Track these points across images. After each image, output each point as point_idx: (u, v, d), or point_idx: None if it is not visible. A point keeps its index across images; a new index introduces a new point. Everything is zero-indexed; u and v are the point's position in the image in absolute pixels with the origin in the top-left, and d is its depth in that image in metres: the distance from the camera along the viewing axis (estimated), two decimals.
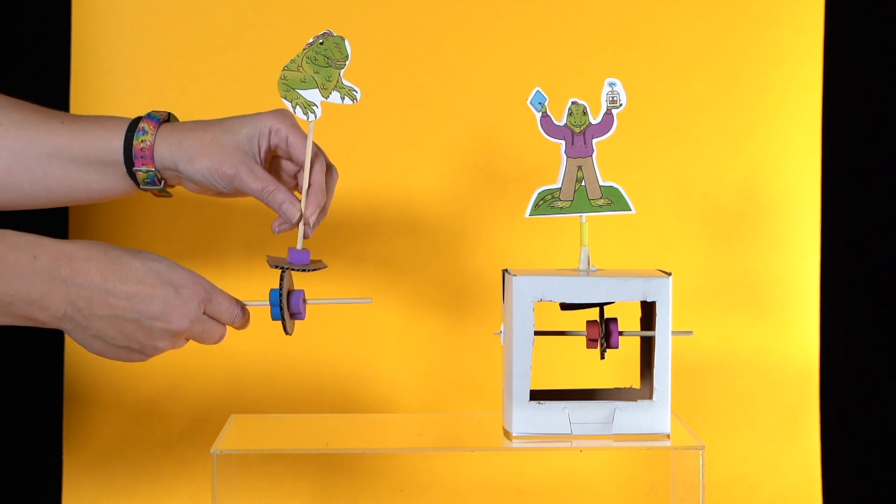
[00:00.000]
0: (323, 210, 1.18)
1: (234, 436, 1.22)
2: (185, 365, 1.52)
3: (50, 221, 1.47)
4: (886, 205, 1.55)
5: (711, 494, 1.51)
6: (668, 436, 1.18)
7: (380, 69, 1.51)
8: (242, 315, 1.15)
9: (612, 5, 1.53)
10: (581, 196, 1.19)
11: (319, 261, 1.19)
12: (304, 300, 1.17)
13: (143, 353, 1.10)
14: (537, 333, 1.17)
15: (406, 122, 1.52)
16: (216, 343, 1.14)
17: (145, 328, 1.09)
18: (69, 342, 1.50)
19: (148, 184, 1.19)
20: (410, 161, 1.52)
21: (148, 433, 1.52)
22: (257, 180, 1.16)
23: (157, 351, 1.11)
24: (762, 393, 1.55)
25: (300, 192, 1.17)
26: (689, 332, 1.22)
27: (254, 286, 1.26)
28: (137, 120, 1.18)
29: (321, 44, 1.16)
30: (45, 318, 1.06)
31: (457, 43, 1.52)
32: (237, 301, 1.14)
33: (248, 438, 1.23)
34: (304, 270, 1.17)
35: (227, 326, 1.14)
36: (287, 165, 1.21)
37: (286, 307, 1.16)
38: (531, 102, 1.19)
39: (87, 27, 1.50)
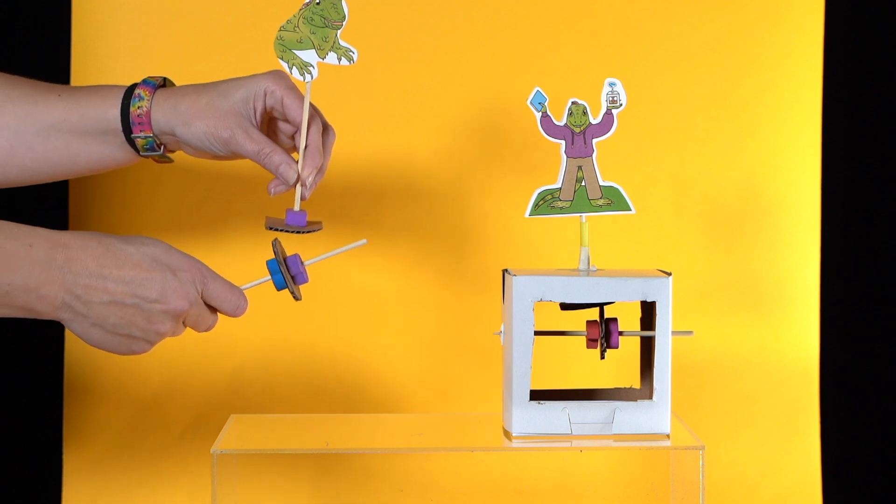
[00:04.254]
0: (320, 171, 1.18)
1: (234, 436, 1.22)
2: (185, 365, 1.52)
3: (49, 208, 1.47)
4: (886, 205, 1.55)
5: (711, 494, 1.51)
6: (668, 436, 1.18)
7: (379, 68, 1.51)
8: (245, 305, 1.14)
9: (612, 5, 1.53)
10: (581, 196, 1.19)
11: (317, 222, 1.19)
12: (302, 262, 1.17)
13: (145, 339, 1.10)
14: (537, 333, 1.17)
15: (405, 122, 1.52)
16: (206, 330, 1.14)
17: (145, 312, 1.08)
18: (69, 341, 1.50)
19: (147, 150, 1.19)
20: (409, 161, 1.52)
21: (148, 433, 1.52)
22: (253, 142, 1.16)
23: (159, 336, 1.10)
24: (762, 393, 1.55)
25: (298, 154, 1.17)
26: (689, 332, 1.22)
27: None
28: (133, 86, 1.18)
29: (318, 4, 1.16)
30: (43, 307, 1.06)
31: (457, 43, 1.52)
32: (237, 289, 1.13)
33: (248, 438, 1.23)
34: (300, 232, 1.16)
35: (217, 315, 1.14)
36: (284, 127, 1.21)
37: (287, 271, 1.15)
38: (531, 102, 1.19)
39: (86, 22, 1.50)
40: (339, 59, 1.17)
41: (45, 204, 1.45)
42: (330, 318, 1.52)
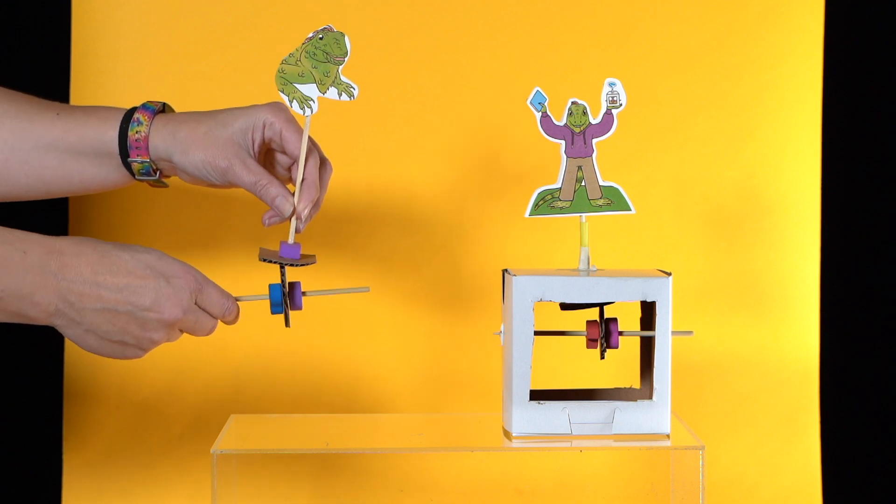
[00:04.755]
0: (316, 205, 1.18)
1: (234, 436, 1.22)
2: (184, 365, 1.52)
3: (49, 216, 1.48)
4: (886, 205, 1.55)
5: (711, 494, 1.51)
6: (668, 436, 1.18)
7: (380, 68, 1.51)
8: (235, 311, 1.15)
9: (612, 5, 1.53)
10: (581, 196, 1.19)
11: (311, 255, 1.19)
12: (303, 292, 1.18)
13: (139, 346, 1.10)
14: (537, 333, 1.17)
15: (405, 122, 1.52)
16: (207, 335, 1.14)
17: (138, 320, 1.08)
18: (69, 342, 1.50)
19: (143, 174, 1.19)
20: (409, 161, 1.52)
21: (148, 433, 1.52)
22: (250, 174, 1.16)
23: (152, 343, 1.11)
24: (762, 393, 1.55)
25: (294, 185, 1.17)
26: (689, 332, 1.21)
27: (253, 280, 1.26)
28: (132, 110, 1.18)
29: (321, 39, 1.16)
30: (36, 314, 1.06)
31: (457, 43, 1.52)
32: (228, 295, 1.14)
33: (248, 438, 1.23)
34: (293, 265, 1.17)
35: (217, 320, 1.14)
36: (281, 158, 1.21)
37: (288, 302, 1.16)
38: (531, 102, 1.19)
39: (86, 22, 1.50)
40: (340, 95, 1.17)
41: (45, 210, 1.45)
42: (330, 317, 1.52)
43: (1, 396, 1.51)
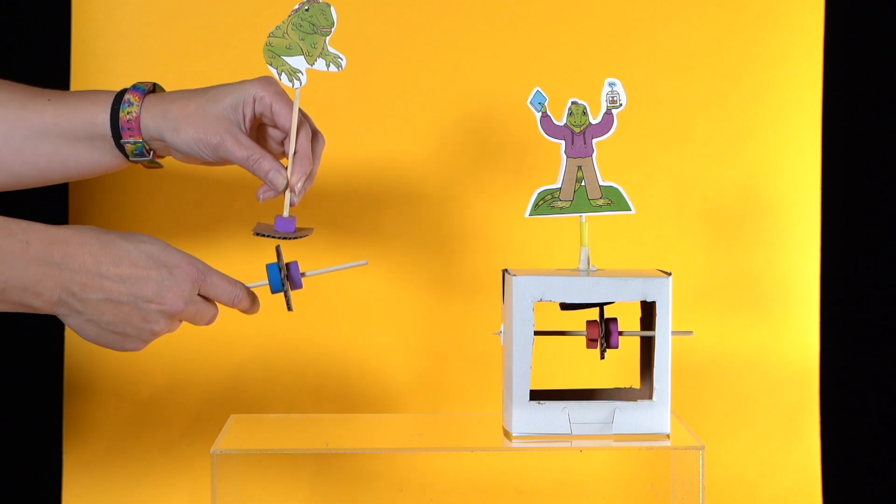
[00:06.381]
0: (309, 177, 1.18)
1: (234, 436, 1.22)
2: (185, 364, 1.52)
3: (50, 206, 1.47)
4: (886, 205, 1.55)
5: (711, 494, 1.51)
6: (668, 436, 1.18)
7: (380, 67, 1.51)
8: (247, 297, 1.14)
9: (612, 5, 1.53)
10: (581, 196, 1.19)
11: (307, 228, 1.19)
12: (302, 273, 1.17)
13: (139, 338, 1.10)
14: (537, 333, 1.17)
15: (405, 121, 1.52)
16: (207, 324, 1.14)
17: (140, 310, 1.08)
18: (69, 339, 1.50)
19: (137, 155, 1.19)
20: (408, 161, 1.52)
21: (148, 432, 1.52)
22: (242, 149, 1.16)
23: (153, 335, 1.10)
24: (762, 393, 1.55)
25: (287, 160, 1.17)
26: (689, 332, 1.21)
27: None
28: (123, 92, 1.18)
29: (307, 10, 1.16)
30: (39, 304, 1.06)
31: (456, 42, 1.52)
32: (236, 282, 1.13)
33: (248, 438, 1.23)
34: (287, 238, 1.16)
35: (218, 307, 1.14)
36: (273, 133, 1.21)
37: (286, 278, 1.15)
38: (531, 102, 1.19)
39: (86, 22, 1.50)
40: (328, 66, 1.17)
41: (46, 199, 1.45)
42: (330, 317, 1.52)
43: (1, 395, 1.51)
